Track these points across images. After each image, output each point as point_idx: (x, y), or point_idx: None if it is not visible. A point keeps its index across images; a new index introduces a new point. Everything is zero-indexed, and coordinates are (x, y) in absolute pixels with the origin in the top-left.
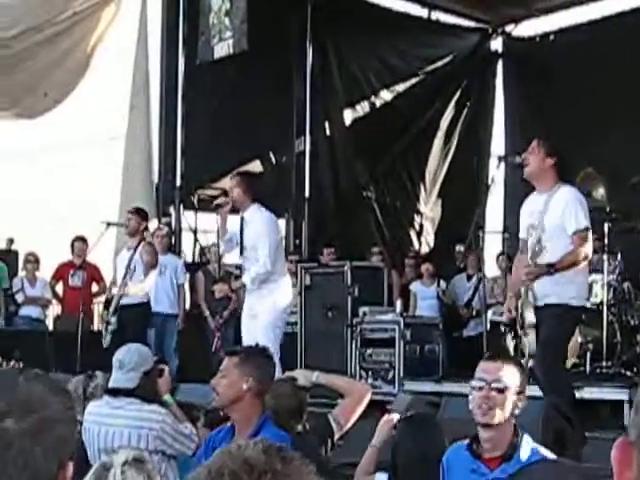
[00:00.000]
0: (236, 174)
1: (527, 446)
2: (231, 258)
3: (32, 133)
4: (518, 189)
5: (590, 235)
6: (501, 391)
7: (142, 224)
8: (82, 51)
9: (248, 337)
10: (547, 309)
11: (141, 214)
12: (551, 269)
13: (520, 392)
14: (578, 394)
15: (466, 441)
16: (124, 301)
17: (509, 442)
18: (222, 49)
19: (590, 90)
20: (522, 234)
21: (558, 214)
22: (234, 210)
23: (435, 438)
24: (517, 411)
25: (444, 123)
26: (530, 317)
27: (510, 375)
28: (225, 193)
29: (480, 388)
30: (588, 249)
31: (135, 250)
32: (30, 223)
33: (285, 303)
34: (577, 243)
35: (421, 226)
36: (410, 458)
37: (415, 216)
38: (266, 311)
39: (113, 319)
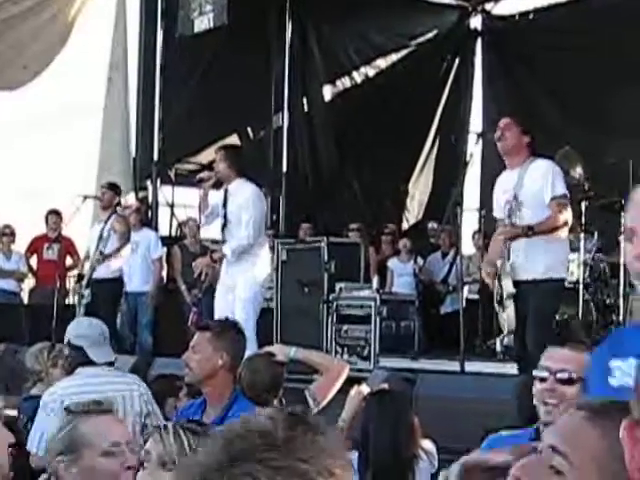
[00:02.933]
0: (221, 148)
1: None
2: (209, 233)
3: (8, 105)
4: (495, 166)
5: (568, 203)
6: (569, 382)
7: (115, 198)
8: (61, 23)
9: (223, 309)
10: (536, 284)
11: (115, 189)
12: (529, 231)
13: None
14: None
15: (528, 432)
16: (97, 275)
17: None
18: (202, 23)
19: (568, 69)
20: (498, 214)
21: (536, 184)
22: (216, 184)
23: (405, 413)
24: None
25: (424, 100)
26: (509, 287)
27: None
28: (203, 167)
29: (543, 379)
30: (568, 216)
31: (106, 223)
32: (6, 195)
33: (264, 276)
34: (556, 210)
35: (400, 202)
36: (380, 435)
37: (394, 192)
38: (246, 285)
39: (87, 292)
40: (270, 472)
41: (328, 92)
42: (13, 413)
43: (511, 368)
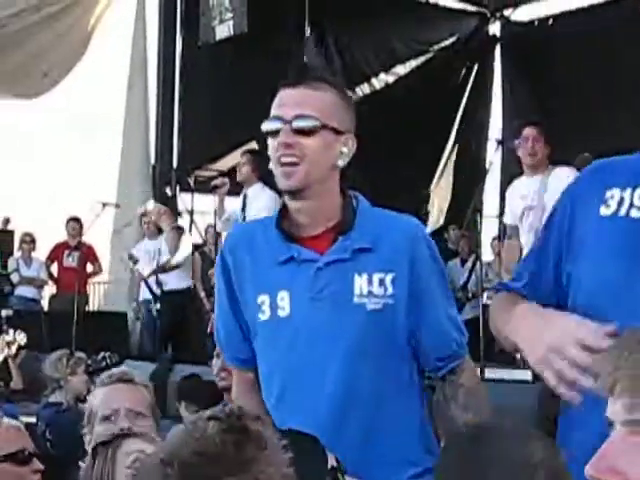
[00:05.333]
0: (246, 151)
1: (369, 210)
2: None
3: (30, 112)
4: (515, 173)
5: None
6: (308, 132)
7: (161, 210)
8: (81, 31)
9: None
10: None
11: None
12: None
13: (342, 131)
14: None
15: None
16: (167, 287)
17: (340, 209)
18: (223, 31)
19: (588, 75)
20: (510, 220)
21: (559, 191)
22: (231, 191)
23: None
24: (341, 161)
25: (443, 107)
26: None
27: (322, 104)
28: (222, 174)
29: (274, 132)
30: None
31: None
32: (27, 203)
33: None
34: None
35: (420, 209)
36: None
37: (414, 199)
38: None
39: (157, 306)
40: None
41: None
42: (32, 420)
43: (529, 374)
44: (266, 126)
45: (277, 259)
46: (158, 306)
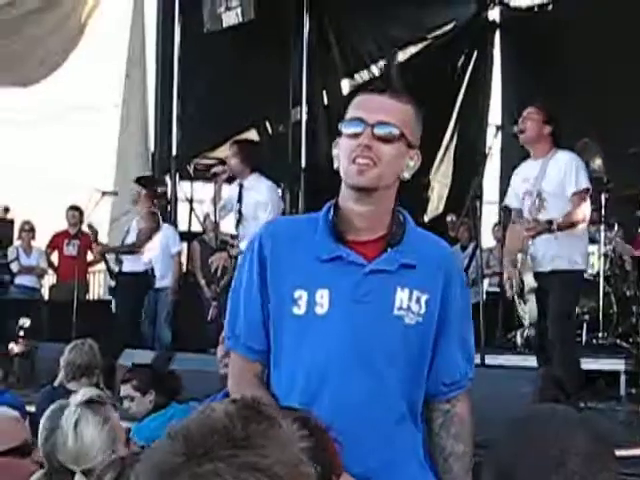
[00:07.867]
0: (233, 142)
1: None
2: (227, 227)
3: (28, 101)
4: (514, 159)
5: (588, 197)
6: (387, 139)
7: (141, 192)
8: (77, 19)
9: None
10: (556, 276)
11: (142, 182)
12: (551, 226)
13: (413, 145)
14: None
15: (322, 213)
16: (125, 268)
17: (390, 219)
18: (230, 18)
19: (588, 60)
20: (512, 203)
21: (558, 177)
22: (230, 179)
23: None
24: (407, 174)
25: (443, 93)
26: (530, 281)
27: (403, 115)
28: (221, 162)
29: (355, 135)
30: (587, 210)
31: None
32: (26, 191)
33: None
34: (576, 203)
35: (420, 196)
36: None
37: (414, 186)
38: None
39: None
40: (233, 470)
41: (346, 85)
42: (32, 409)
43: (532, 361)
44: (347, 128)
45: (321, 256)
46: (113, 283)
